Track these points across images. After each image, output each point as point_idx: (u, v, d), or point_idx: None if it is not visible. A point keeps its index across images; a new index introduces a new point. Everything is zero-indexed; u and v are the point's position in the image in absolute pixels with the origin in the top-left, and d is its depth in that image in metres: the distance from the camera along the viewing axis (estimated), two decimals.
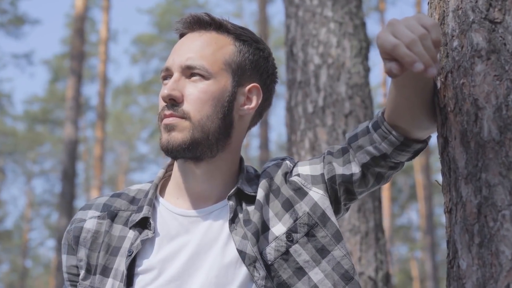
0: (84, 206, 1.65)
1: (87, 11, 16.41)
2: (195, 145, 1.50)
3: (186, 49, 1.55)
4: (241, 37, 1.60)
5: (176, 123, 1.50)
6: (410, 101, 1.44)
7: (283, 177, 1.60)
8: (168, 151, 1.51)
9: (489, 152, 1.28)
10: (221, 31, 1.59)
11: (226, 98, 1.54)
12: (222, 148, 1.55)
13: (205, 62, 1.53)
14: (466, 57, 1.35)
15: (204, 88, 1.52)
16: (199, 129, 1.50)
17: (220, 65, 1.55)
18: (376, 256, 3.30)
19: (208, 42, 1.56)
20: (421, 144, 1.53)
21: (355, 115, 3.46)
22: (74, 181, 13.61)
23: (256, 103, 1.60)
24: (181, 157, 1.53)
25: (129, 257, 1.50)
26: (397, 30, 1.26)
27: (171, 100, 1.51)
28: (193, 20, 1.60)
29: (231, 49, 1.58)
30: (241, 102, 1.58)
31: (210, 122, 1.52)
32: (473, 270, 1.27)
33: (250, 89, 1.59)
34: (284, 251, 1.51)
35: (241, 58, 1.58)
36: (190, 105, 1.51)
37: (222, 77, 1.55)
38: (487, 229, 1.26)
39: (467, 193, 1.31)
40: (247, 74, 1.59)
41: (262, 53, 1.63)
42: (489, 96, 1.30)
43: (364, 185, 1.58)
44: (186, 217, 1.55)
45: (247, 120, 1.62)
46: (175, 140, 1.50)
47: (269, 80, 1.64)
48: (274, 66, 1.66)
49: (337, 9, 3.64)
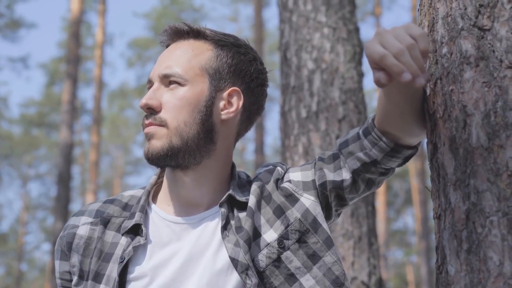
0: (77, 212, 1.65)
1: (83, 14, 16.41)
2: (175, 152, 1.52)
3: (165, 59, 1.58)
4: (220, 42, 1.61)
5: (155, 131, 1.53)
6: (399, 108, 1.45)
7: (275, 183, 1.61)
8: (149, 159, 1.53)
9: (478, 159, 1.28)
10: (199, 38, 1.61)
11: (203, 103, 1.55)
12: (206, 154, 1.56)
13: (181, 69, 1.55)
14: (455, 64, 1.36)
15: (181, 94, 1.54)
16: (177, 135, 1.52)
17: (195, 71, 1.56)
18: (369, 261, 3.30)
19: (185, 50, 1.58)
20: (411, 150, 1.54)
21: (348, 120, 3.47)
22: (70, 185, 13.60)
23: (237, 106, 1.59)
24: (163, 165, 1.55)
25: (121, 263, 1.51)
26: (385, 40, 1.27)
27: (149, 109, 1.54)
28: (172, 31, 1.62)
29: (208, 55, 1.59)
30: (221, 107, 1.58)
31: (188, 128, 1.52)
32: (461, 276, 1.28)
33: (229, 93, 1.59)
34: (275, 258, 1.51)
35: (219, 62, 1.59)
36: (167, 112, 1.53)
37: (199, 83, 1.56)
38: (475, 235, 1.26)
39: (455, 199, 1.32)
40: (226, 78, 1.59)
41: (244, 57, 1.62)
42: (477, 103, 1.30)
43: (355, 191, 1.59)
44: (177, 224, 1.55)
45: (231, 125, 1.61)
46: (154, 148, 1.52)
47: (253, 84, 1.63)
48: (260, 70, 1.65)
49: (331, 14, 3.65)
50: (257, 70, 1.64)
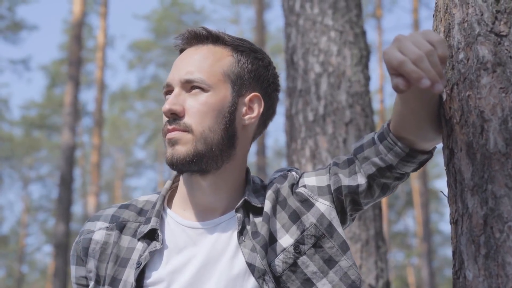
0: (93, 217, 1.66)
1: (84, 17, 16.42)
2: (199, 157, 1.52)
3: (185, 63, 1.57)
4: (239, 47, 1.62)
5: (179, 136, 1.52)
6: (415, 113, 1.45)
7: (290, 188, 1.61)
8: (173, 165, 1.52)
9: (495, 164, 1.29)
10: (218, 43, 1.61)
11: (227, 108, 1.56)
12: (227, 159, 1.56)
13: (204, 74, 1.55)
14: (472, 69, 1.36)
15: (204, 100, 1.54)
16: (202, 141, 1.52)
17: (218, 77, 1.56)
18: (377, 264, 3.31)
19: (206, 55, 1.58)
20: (427, 155, 1.54)
21: (355, 123, 3.47)
22: (72, 187, 13.60)
23: (258, 112, 1.61)
24: (186, 170, 1.54)
25: (138, 268, 1.51)
26: (404, 46, 1.28)
27: (172, 115, 1.53)
28: (190, 35, 1.62)
29: (229, 60, 1.59)
30: (243, 112, 1.59)
31: (213, 134, 1.53)
32: (479, 281, 1.29)
33: (251, 99, 1.61)
34: (292, 263, 1.52)
35: (240, 68, 1.60)
36: (192, 118, 1.52)
37: (222, 88, 1.56)
38: (493, 240, 1.27)
39: (473, 204, 1.33)
40: (247, 83, 1.60)
41: (261, 62, 1.64)
42: (495, 109, 1.31)
43: (370, 196, 1.59)
44: (193, 229, 1.56)
45: (250, 130, 1.63)
46: (179, 154, 1.51)
47: (270, 89, 1.65)
48: (274, 74, 1.67)
49: (338, 17, 3.65)
50: (273, 75, 1.66)
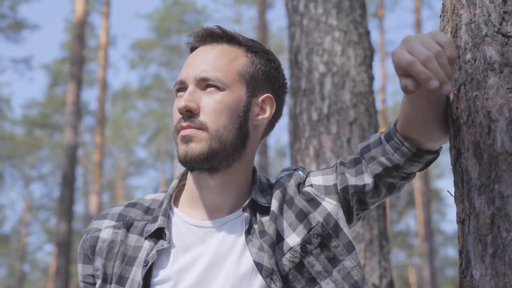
0: (99, 215, 1.66)
1: (87, 16, 16.43)
2: (213, 155, 1.52)
3: (200, 61, 1.58)
4: (253, 48, 1.63)
5: (194, 134, 1.52)
6: (423, 113, 1.46)
7: (296, 187, 1.62)
8: (186, 162, 1.52)
9: (502, 164, 1.30)
10: (233, 43, 1.62)
11: (242, 108, 1.56)
12: (238, 158, 1.57)
13: (219, 73, 1.55)
14: (479, 70, 1.37)
15: (220, 99, 1.54)
16: (217, 139, 1.52)
17: (234, 76, 1.57)
18: (380, 263, 3.31)
19: (221, 54, 1.59)
20: (433, 155, 1.55)
21: (359, 123, 3.48)
22: (73, 186, 13.61)
23: (270, 113, 1.62)
24: (199, 168, 1.54)
25: (145, 267, 1.52)
26: (413, 47, 1.28)
27: (187, 112, 1.53)
28: (205, 33, 1.62)
29: (244, 61, 1.60)
30: (255, 112, 1.60)
31: (227, 133, 1.53)
32: (486, 280, 1.29)
33: (263, 100, 1.62)
34: (298, 262, 1.52)
35: (254, 69, 1.60)
36: (207, 116, 1.53)
37: (237, 88, 1.57)
38: (500, 239, 1.27)
39: (480, 204, 1.33)
40: (260, 84, 1.61)
41: (273, 64, 1.65)
42: (502, 109, 1.31)
43: (376, 196, 1.60)
44: (201, 228, 1.56)
45: (260, 130, 1.64)
46: (193, 151, 1.51)
47: (280, 90, 1.67)
48: (284, 76, 1.69)
49: (342, 17, 3.66)
50: (282, 76, 1.67)
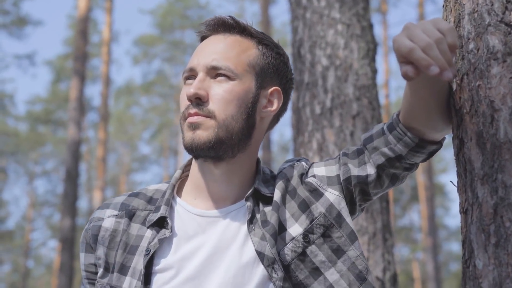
0: (102, 205, 1.67)
1: (89, 12, 16.43)
2: (219, 144, 1.52)
3: (211, 50, 1.58)
4: (264, 41, 1.64)
5: (201, 121, 1.52)
6: (425, 103, 1.46)
7: (299, 178, 1.62)
8: (192, 149, 1.53)
9: (505, 153, 1.29)
10: (245, 34, 1.63)
11: (250, 99, 1.57)
12: (243, 149, 1.57)
13: (230, 63, 1.56)
14: (482, 59, 1.37)
15: (229, 88, 1.54)
16: (224, 128, 1.52)
17: (244, 67, 1.57)
18: (384, 256, 3.31)
19: (233, 45, 1.59)
20: (436, 145, 1.55)
21: (362, 116, 3.47)
22: (77, 182, 13.63)
23: (277, 106, 1.63)
24: (204, 156, 1.54)
25: (147, 256, 1.52)
26: (413, 34, 1.29)
27: (196, 99, 1.53)
28: (218, 23, 1.62)
29: (255, 52, 1.61)
30: (263, 105, 1.61)
31: (235, 122, 1.54)
32: (489, 270, 1.29)
33: (271, 92, 1.63)
34: (300, 252, 1.53)
35: (264, 61, 1.61)
36: (215, 104, 1.53)
37: (247, 79, 1.57)
38: (503, 229, 1.27)
39: (483, 193, 1.33)
40: (269, 77, 1.62)
41: (283, 58, 1.66)
42: (505, 98, 1.31)
43: (379, 186, 1.60)
44: (203, 217, 1.56)
45: (266, 122, 1.65)
46: (200, 139, 1.52)
47: (287, 85, 1.68)
48: (291, 72, 1.70)
49: (345, 11, 3.65)
50: (290, 71, 1.69)
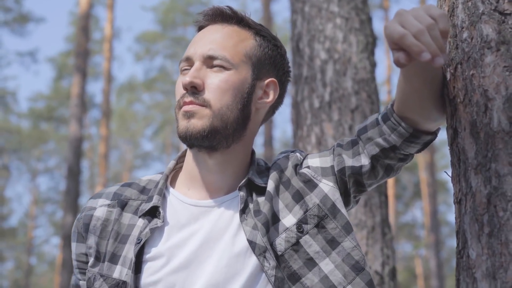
0: (95, 195, 1.67)
1: (91, 8, 16.43)
2: (214, 133, 1.52)
3: (208, 40, 1.58)
4: (261, 32, 1.64)
5: (196, 110, 1.52)
6: (419, 92, 1.45)
7: (293, 169, 1.62)
8: (186, 138, 1.52)
9: (499, 143, 1.28)
10: (242, 25, 1.63)
11: (246, 89, 1.57)
12: (237, 139, 1.57)
13: (227, 53, 1.56)
14: (476, 48, 1.36)
15: (225, 77, 1.54)
16: (219, 117, 1.52)
17: (241, 57, 1.57)
18: (383, 251, 3.31)
19: (230, 35, 1.59)
20: (431, 135, 1.54)
21: (361, 110, 3.47)
22: (79, 179, 13.64)
23: (273, 97, 1.63)
24: (198, 145, 1.54)
25: (138, 244, 1.52)
26: (405, 20, 1.28)
27: (192, 88, 1.53)
28: (216, 13, 1.62)
29: (252, 43, 1.61)
30: (259, 95, 1.61)
31: (230, 112, 1.54)
32: (482, 260, 1.28)
33: (268, 84, 1.62)
34: (294, 242, 1.52)
35: (261, 52, 1.61)
36: (211, 93, 1.53)
37: (243, 69, 1.57)
38: (497, 219, 1.26)
39: (476, 183, 1.32)
40: (266, 68, 1.62)
41: (280, 50, 1.66)
42: (498, 87, 1.30)
43: (373, 177, 1.59)
44: (196, 207, 1.56)
45: (262, 114, 1.64)
46: (195, 127, 1.51)
47: (284, 77, 1.68)
48: (288, 64, 1.70)
49: (343, 4, 3.64)
50: (287, 64, 1.69)
